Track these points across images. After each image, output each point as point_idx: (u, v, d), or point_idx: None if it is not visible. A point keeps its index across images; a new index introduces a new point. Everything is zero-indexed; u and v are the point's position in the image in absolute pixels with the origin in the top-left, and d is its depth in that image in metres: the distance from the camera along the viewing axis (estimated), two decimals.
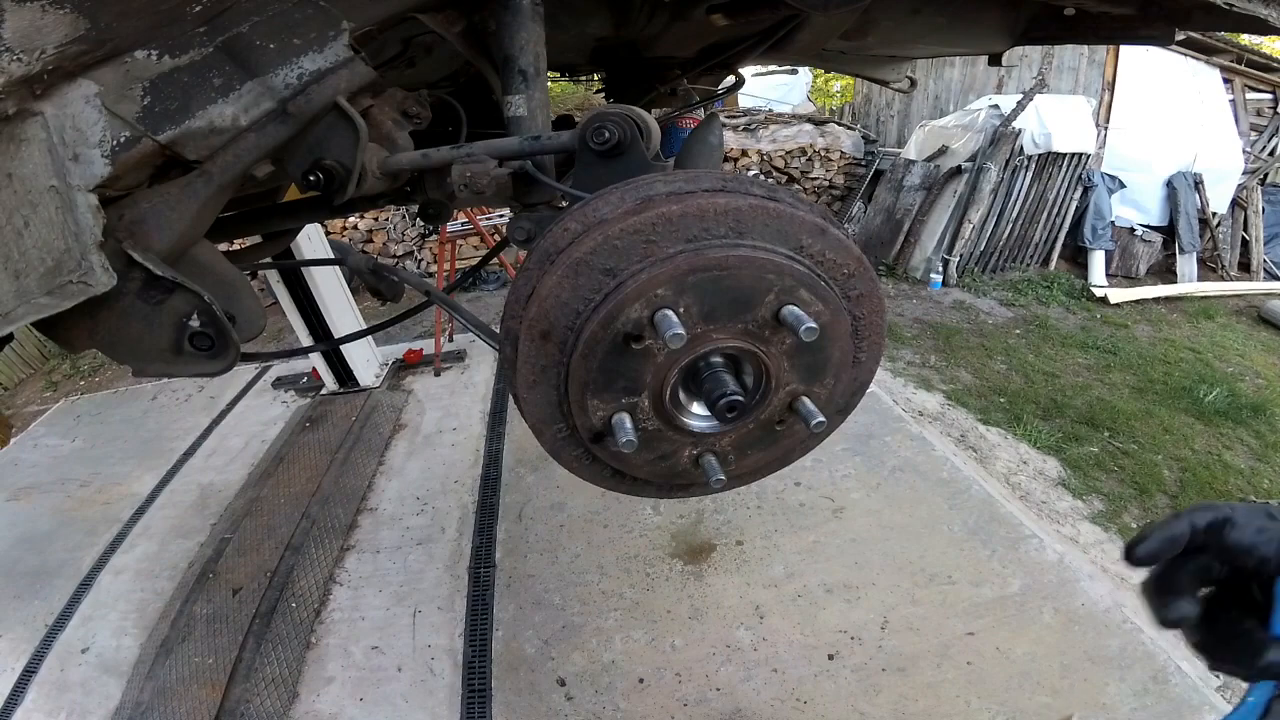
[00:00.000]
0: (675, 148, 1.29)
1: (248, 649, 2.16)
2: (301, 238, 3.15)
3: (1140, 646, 1.91)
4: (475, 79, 1.20)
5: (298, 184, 0.65)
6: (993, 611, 2.06)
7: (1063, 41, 1.11)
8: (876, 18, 1.00)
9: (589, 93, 7.87)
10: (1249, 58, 6.17)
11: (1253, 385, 3.95)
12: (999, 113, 5.35)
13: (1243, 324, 4.91)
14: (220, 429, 3.66)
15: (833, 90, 12.45)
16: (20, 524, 3.06)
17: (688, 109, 1.43)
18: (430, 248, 6.04)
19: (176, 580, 2.54)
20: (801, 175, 6.46)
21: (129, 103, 0.49)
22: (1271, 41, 8.89)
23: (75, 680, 2.19)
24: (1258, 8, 0.74)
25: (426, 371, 4.00)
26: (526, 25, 0.68)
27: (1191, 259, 5.77)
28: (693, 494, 0.71)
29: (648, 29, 1.01)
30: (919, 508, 2.51)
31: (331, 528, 2.69)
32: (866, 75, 1.53)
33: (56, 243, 0.49)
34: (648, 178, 0.55)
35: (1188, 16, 0.83)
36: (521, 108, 0.71)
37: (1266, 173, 6.19)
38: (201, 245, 0.65)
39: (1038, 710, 1.77)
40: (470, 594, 2.32)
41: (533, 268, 0.54)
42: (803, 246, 0.52)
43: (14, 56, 0.43)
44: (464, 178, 0.65)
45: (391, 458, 3.19)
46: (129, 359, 0.60)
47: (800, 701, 1.85)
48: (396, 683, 2.04)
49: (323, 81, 0.55)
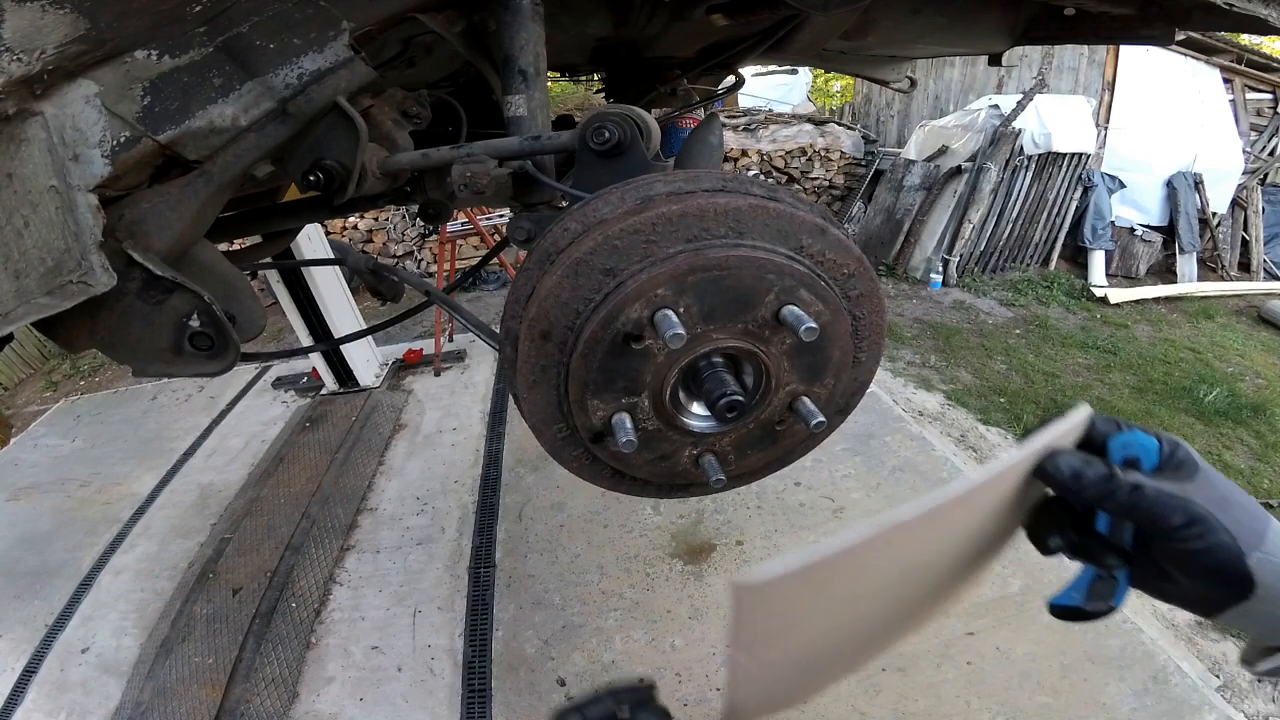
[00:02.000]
0: (675, 148, 1.29)
1: (248, 649, 2.16)
2: (301, 238, 3.15)
3: (1140, 646, 1.91)
4: (475, 79, 1.20)
5: (298, 184, 0.65)
6: (993, 611, 2.06)
7: (1063, 41, 1.11)
8: (876, 18, 1.00)
9: (589, 93, 7.87)
10: (1249, 58, 6.17)
11: (1253, 385, 3.94)
12: (999, 113, 5.35)
13: (1243, 324, 4.91)
14: (220, 429, 3.66)
15: (833, 90, 12.44)
16: (20, 524, 3.06)
17: (688, 109, 1.42)
18: (430, 248, 6.04)
19: (176, 580, 2.54)
20: (801, 175, 6.46)
21: (129, 103, 0.49)
22: (1271, 41, 8.89)
23: (75, 680, 2.18)
24: (1258, 8, 0.74)
25: (426, 371, 4.00)
26: (526, 25, 0.68)
27: (1191, 259, 5.77)
28: (693, 494, 0.70)
29: (648, 29, 1.01)
30: None
31: (331, 528, 2.69)
32: (866, 75, 1.53)
33: (57, 243, 0.49)
34: (648, 178, 0.55)
35: (1188, 16, 0.82)
36: (522, 108, 0.70)
37: (1266, 173, 6.19)
38: (201, 245, 0.65)
39: (1038, 710, 1.77)
40: (470, 594, 2.32)
41: (533, 268, 0.54)
42: (803, 246, 0.52)
43: (14, 56, 0.43)
44: (464, 178, 0.65)
45: (391, 458, 3.19)
46: (129, 359, 0.60)
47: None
48: (396, 683, 2.04)
49: (323, 81, 0.55)
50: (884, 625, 0.47)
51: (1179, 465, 0.44)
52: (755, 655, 0.38)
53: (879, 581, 0.40)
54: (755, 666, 0.38)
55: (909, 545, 0.39)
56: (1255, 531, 0.41)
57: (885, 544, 0.37)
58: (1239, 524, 0.41)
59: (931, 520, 0.38)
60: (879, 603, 0.43)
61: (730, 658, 0.37)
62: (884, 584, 0.41)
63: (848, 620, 0.43)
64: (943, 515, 0.38)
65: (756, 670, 0.39)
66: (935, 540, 0.41)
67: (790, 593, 0.35)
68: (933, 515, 0.37)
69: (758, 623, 0.36)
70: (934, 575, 0.45)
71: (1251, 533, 0.41)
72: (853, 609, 0.42)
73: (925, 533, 0.39)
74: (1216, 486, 0.43)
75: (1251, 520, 0.41)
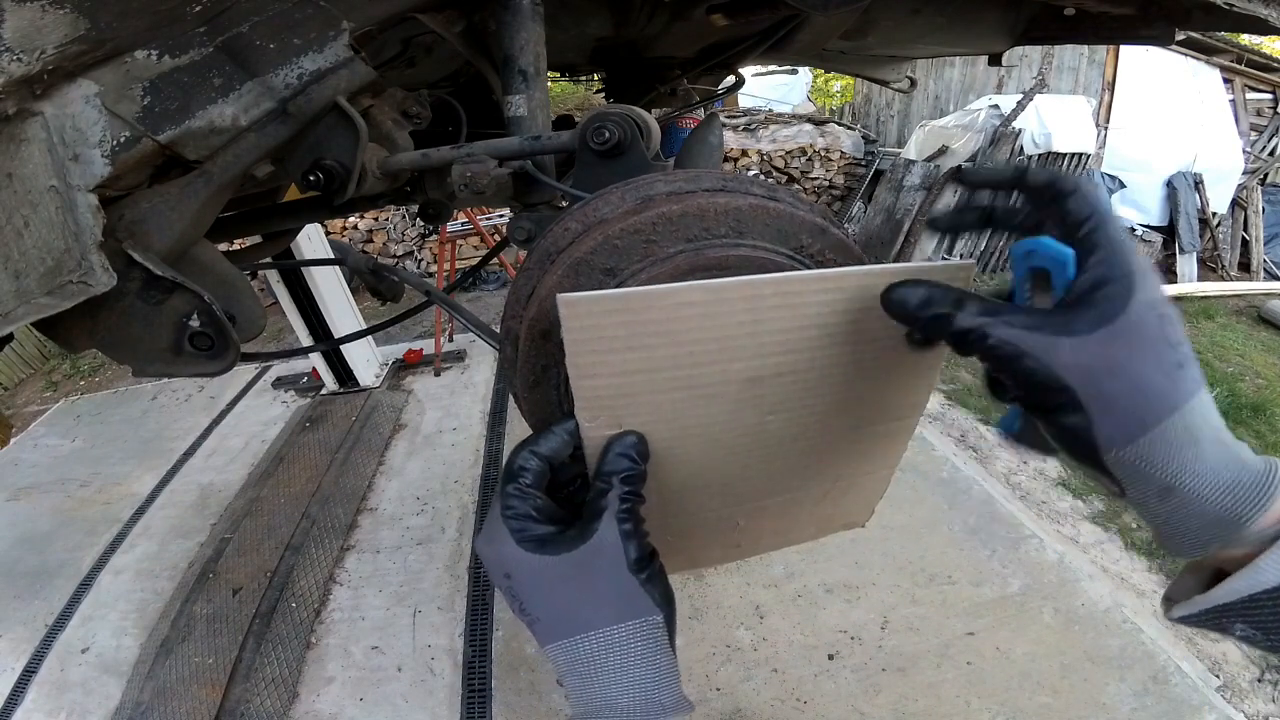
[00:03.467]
0: (675, 148, 1.29)
1: (248, 649, 2.16)
2: (301, 238, 3.15)
3: (1140, 646, 1.91)
4: (475, 79, 1.20)
5: (298, 184, 0.65)
6: (993, 611, 2.06)
7: (1063, 41, 1.11)
8: (876, 18, 1.00)
9: (589, 93, 7.88)
10: (1249, 58, 6.17)
11: (1253, 385, 3.95)
12: (999, 113, 5.36)
13: (1243, 324, 4.91)
14: (220, 429, 3.66)
15: (833, 90, 12.44)
16: (20, 524, 3.06)
17: (688, 109, 1.42)
18: (430, 248, 6.04)
19: (176, 580, 2.54)
20: (801, 175, 6.46)
21: (129, 103, 0.49)
22: (1271, 41, 8.89)
23: (75, 680, 2.18)
24: (1258, 8, 0.74)
25: (426, 371, 4.00)
26: (527, 25, 0.68)
27: (1191, 259, 5.77)
28: None
29: (648, 29, 1.01)
30: (919, 508, 2.51)
31: (331, 528, 2.69)
32: (866, 75, 1.53)
33: (56, 243, 0.49)
34: (648, 177, 0.55)
35: (1188, 16, 0.82)
36: (522, 108, 0.70)
37: (1266, 173, 6.19)
38: (201, 245, 0.65)
39: (1038, 710, 1.77)
40: (470, 594, 2.32)
41: (533, 267, 0.54)
42: (803, 246, 0.52)
43: (14, 56, 0.43)
44: (464, 177, 0.65)
45: (391, 458, 3.19)
46: (129, 359, 0.60)
47: (800, 701, 1.85)
48: (396, 683, 2.04)
49: (323, 81, 0.55)
50: (756, 408, 0.46)
51: (1094, 303, 0.34)
52: (593, 378, 0.41)
53: (714, 347, 0.42)
54: (595, 389, 0.41)
55: (732, 316, 0.41)
56: (1154, 411, 0.33)
57: (707, 300, 0.39)
58: (1126, 401, 0.33)
59: (748, 295, 0.40)
60: (732, 381, 0.44)
61: (570, 379, 0.41)
62: (720, 352, 0.42)
63: (698, 390, 0.44)
64: (759, 296, 0.40)
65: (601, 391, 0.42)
66: (771, 325, 0.42)
67: (612, 317, 0.39)
68: (748, 290, 0.40)
69: (586, 342, 0.39)
70: (805, 382, 0.45)
71: (1138, 419, 0.33)
72: (696, 372, 0.43)
73: (746, 310, 0.41)
74: (1133, 343, 0.33)
75: (1156, 398, 0.33)
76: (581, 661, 0.40)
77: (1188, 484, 0.33)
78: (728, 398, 0.44)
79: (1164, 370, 0.33)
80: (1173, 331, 0.34)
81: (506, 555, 0.41)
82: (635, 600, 0.41)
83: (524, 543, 0.41)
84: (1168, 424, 0.33)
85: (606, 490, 0.41)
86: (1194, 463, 0.33)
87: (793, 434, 0.49)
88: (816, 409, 0.48)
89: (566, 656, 0.41)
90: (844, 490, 0.58)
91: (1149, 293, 0.34)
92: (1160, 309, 0.34)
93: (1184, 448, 0.33)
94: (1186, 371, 0.34)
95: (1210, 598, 0.34)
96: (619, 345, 0.40)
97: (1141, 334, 0.33)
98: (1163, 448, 0.33)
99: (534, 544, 0.41)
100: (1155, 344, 0.33)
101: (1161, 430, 0.33)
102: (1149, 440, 0.33)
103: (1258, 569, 0.32)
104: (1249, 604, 0.32)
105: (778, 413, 0.47)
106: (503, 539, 0.42)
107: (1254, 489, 0.33)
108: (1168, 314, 0.34)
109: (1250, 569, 0.32)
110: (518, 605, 0.42)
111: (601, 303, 0.38)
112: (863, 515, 0.64)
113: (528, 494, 0.43)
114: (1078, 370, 0.33)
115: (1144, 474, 0.33)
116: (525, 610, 0.42)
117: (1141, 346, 0.33)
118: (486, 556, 0.44)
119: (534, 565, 0.41)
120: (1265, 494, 0.32)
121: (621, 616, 0.40)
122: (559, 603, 0.41)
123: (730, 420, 0.46)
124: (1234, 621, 0.33)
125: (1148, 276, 0.34)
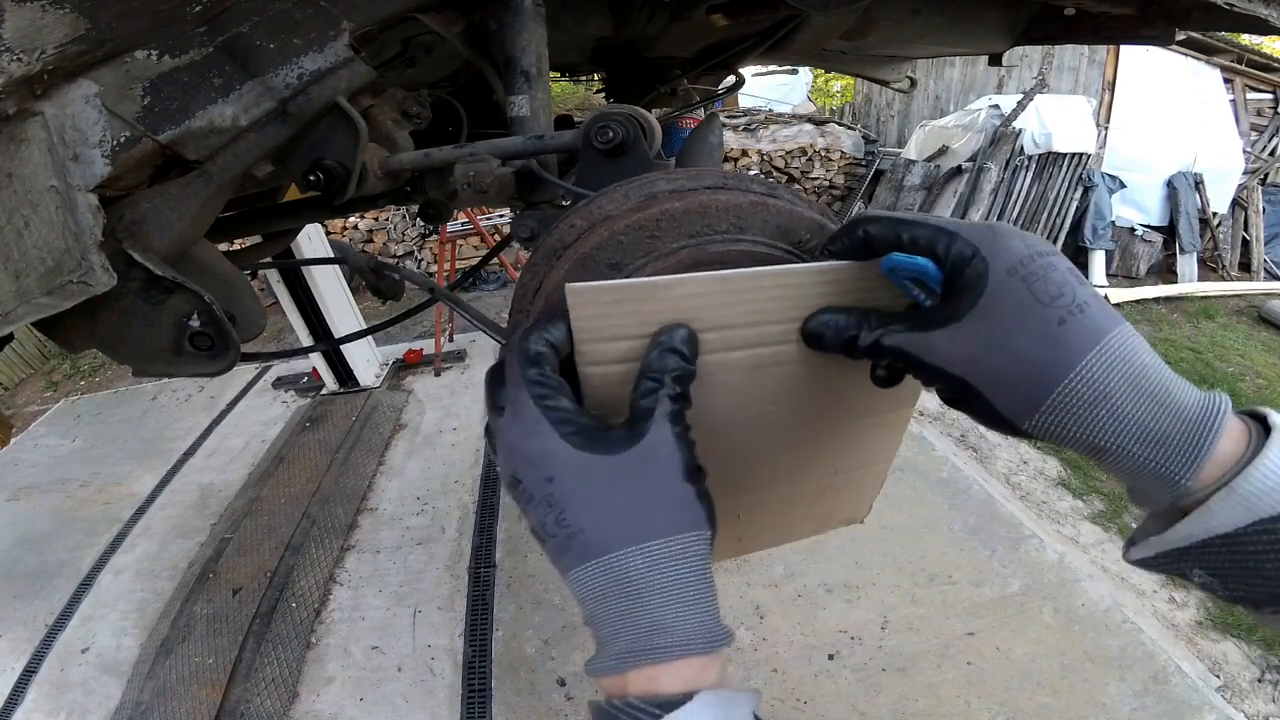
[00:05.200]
0: (676, 147, 1.29)
1: (248, 649, 2.16)
2: (301, 238, 3.15)
3: (1140, 646, 1.91)
4: (475, 79, 1.20)
5: (298, 184, 0.65)
6: (993, 611, 2.06)
7: (1063, 41, 1.11)
8: (876, 18, 1.00)
9: (589, 93, 7.88)
10: (1249, 58, 6.17)
11: (1253, 385, 3.95)
12: (999, 113, 5.36)
13: (1243, 324, 4.91)
14: (220, 429, 3.66)
15: (833, 90, 12.44)
16: (20, 524, 3.06)
17: (688, 109, 1.42)
18: (430, 248, 6.04)
19: (176, 580, 2.54)
20: (802, 175, 6.46)
21: (129, 103, 0.49)
22: (1271, 41, 8.89)
23: (75, 680, 2.19)
24: (1258, 8, 0.74)
25: (426, 371, 4.00)
26: (528, 25, 0.68)
27: (1192, 259, 5.77)
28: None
29: (648, 29, 1.01)
30: (919, 508, 2.51)
31: (331, 528, 2.69)
32: (866, 75, 1.53)
33: (57, 243, 0.49)
34: (651, 176, 0.55)
35: (1188, 16, 0.82)
36: (524, 108, 0.70)
37: (1267, 173, 6.19)
38: (201, 245, 0.65)
39: (1038, 710, 1.77)
40: (470, 594, 2.32)
41: (539, 263, 0.54)
42: (802, 241, 0.52)
43: (14, 56, 0.43)
44: (468, 177, 0.66)
45: (391, 458, 3.19)
46: (129, 359, 0.60)
47: (800, 701, 1.85)
48: (396, 683, 2.04)
49: (323, 81, 0.55)
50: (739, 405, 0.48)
51: (961, 289, 0.34)
52: (599, 365, 0.41)
53: (716, 336, 0.42)
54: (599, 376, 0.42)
55: (734, 306, 0.41)
56: (1045, 379, 0.32)
57: (710, 291, 0.40)
58: (1013, 375, 0.32)
59: (750, 287, 0.41)
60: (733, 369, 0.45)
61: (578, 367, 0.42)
62: (722, 341, 0.43)
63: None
64: (760, 288, 0.41)
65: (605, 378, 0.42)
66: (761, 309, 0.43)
67: (619, 306, 0.40)
68: (749, 281, 0.41)
69: (593, 330, 0.40)
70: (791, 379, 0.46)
71: (1029, 391, 0.32)
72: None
73: (747, 300, 0.42)
74: (1002, 314, 0.32)
75: (1043, 365, 0.32)
76: (630, 580, 0.34)
77: (1111, 442, 0.32)
78: (729, 387, 0.45)
79: (1044, 333, 0.32)
80: (1046, 288, 0.32)
81: (552, 451, 0.35)
82: (691, 511, 0.36)
83: (570, 436, 0.35)
84: (1064, 388, 0.31)
85: (657, 388, 0.37)
86: (1110, 420, 0.31)
87: (791, 425, 0.50)
88: (814, 399, 0.48)
89: (608, 577, 0.35)
90: (842, 485, 0.59)
91: (1006, 257, 0.33)
92: (1023, 269, 0.32)
93: (1094, 406, 0.31)
94: (1076, 323, 0.32)
95: (1165, 540, 0.32)
96: (625, 334, 0.40)
97: (1008, 303, 0.32)
98: (1069, 412, 0.32)
99: (581, 439, 0.35)
100: (1025, 309, 0.32)
101: (1061, 395, 0.32)
102: (1051, 408, 0.32)
103: (1209, 511, 0.30)
104: (1203, 548, 0.31)
105: (777, 403, 0.47)
106: (544, 432, 0.35)
107: (1185, 440, 0.31)
108: (1035, 270, 0.33)
109: (1201, 512, 0.30)
110: (553, 515, 0.35)
111: (609, 292, 0.39)
112: (862, 511, 0.65)
113: (553, 380, 0.37)
114: (960, 358, 0.33)
115: (1069, 439, 0.33)
116: (564, 521, 0.35)
117: (1012, 316, 0.32)
118: (526, 452, 0.36)
119: (583, 465, 0.35)
120: (1197, 444, 0.31)
121: (679, 528, 0.35)
122: (612, 510, 0.35)
123: (732, 410, 0.47)
124: (1191, 567, 0.32)
125: (1002, 240, 0.33)
